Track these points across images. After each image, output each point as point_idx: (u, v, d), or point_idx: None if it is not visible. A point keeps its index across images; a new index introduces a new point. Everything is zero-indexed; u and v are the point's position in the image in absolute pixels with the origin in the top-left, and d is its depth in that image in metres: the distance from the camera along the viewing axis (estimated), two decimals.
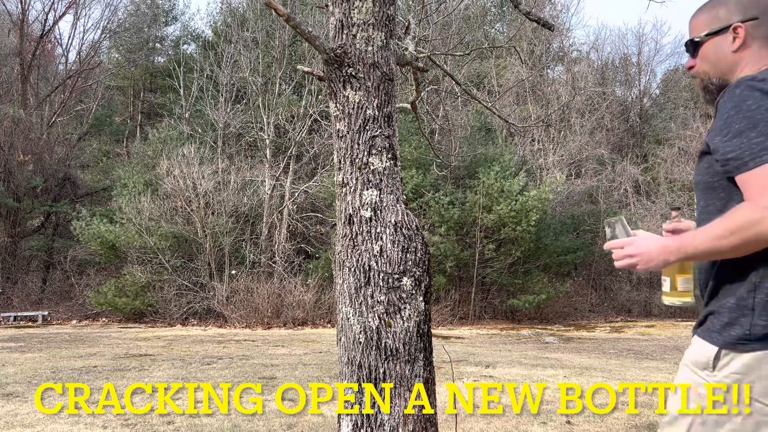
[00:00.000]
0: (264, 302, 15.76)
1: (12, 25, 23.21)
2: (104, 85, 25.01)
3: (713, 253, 1.34)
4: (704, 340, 1.41)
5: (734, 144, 1.32)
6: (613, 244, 1.52)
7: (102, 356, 9.01)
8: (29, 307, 17.67)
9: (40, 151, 20.36)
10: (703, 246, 1.34)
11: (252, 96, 19.58)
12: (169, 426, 4.66)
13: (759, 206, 1.25)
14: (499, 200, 16.50)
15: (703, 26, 1.55)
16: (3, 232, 19.22)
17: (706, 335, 1.41)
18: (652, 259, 1.42)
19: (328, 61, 2.26)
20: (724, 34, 1.50)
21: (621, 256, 1.47)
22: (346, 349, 2.14)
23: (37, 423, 4.73)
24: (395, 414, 2.05)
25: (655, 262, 1.42)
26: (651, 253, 1.42)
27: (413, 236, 2.16)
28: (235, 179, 17.80)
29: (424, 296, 2.20)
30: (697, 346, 1.43)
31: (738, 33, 1.48)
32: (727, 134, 1.34)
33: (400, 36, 3.90)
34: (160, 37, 28.41)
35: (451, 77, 5.34)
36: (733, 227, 1.28)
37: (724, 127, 1.35)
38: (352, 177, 2.22)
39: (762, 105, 1.30)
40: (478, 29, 20.06)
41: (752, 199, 1.28)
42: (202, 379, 6.83)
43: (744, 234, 1.27)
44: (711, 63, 1.53)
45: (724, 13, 1.51)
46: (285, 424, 4.73)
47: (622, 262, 1.48)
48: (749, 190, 1.29)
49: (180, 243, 17.23)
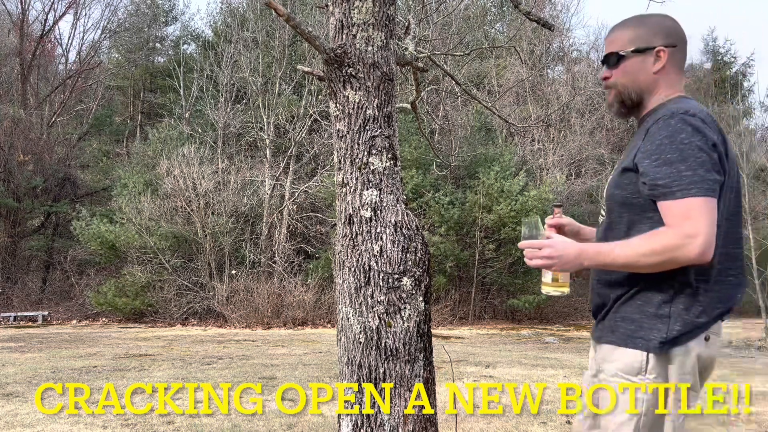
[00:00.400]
0: (264, 302, 15.75)
1: (12, 25, 23.21)
2: (104, 85, 25.00)
3: (631, 266, 1.49)
4: (628, 348, 1.53)
5: (664, 172, 1.45)
6: (531, 244, 1.59)
7: (102, 356, 9.01)
8: (29, 307, 17.66)
9: (40, 151, 20.36)
10: (624, 259, 1.47)
11: (252, 96, 19.57)
12: (169, 426, 4.66)
13: (682, 234, 1.41)
14: (499, 200, 16.50)
15: (628, 42, 1.65)
16: (3, 232, 19.22)
17: (629, 342, 1.53)
18: (568, 262, 1.53)
19: (328, 61, 2.26)
20: (648, 54, 1.62)
21: (538, 256, 1.55)
22: (346, 349, 2.14)
23: (37, 423, 4.73)
24: (395, 414, 2.05)
25: (570, 264, 1.53)
26: (568, 257, 1.52)
27: (413, 236, 2.16)
28: (235, 179, 17.80)
29: (424, 296, 2.20)
30: (620, 354, 1.54)
31: (660, 56, 1.62)
32: (657, 160, 1.46)
33: (400, 36, 3.90)
34: (160, 37, 28.40)
35: (451, 77, 5.34)
36: (657, 248, 1.43)
37: (655, 152, 1.47)
38: (352, 177, 2.22)
39: (692, 141, 1.44)
40: (478, 29, 20.05)
41: (675, 226, 1.43)
42: (202, 379, 6.83)
43: (665, 255, 1.42)
44: (632, 78, 1.64)
45: (648, 35, 1.63)
46: (285, 424, 4.73)
47: (537, 262, 1.56)
48: (672, 218, 1.44)
49: (180, 243, 17.23)
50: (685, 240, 1.40)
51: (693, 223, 1.41)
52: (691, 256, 1.41)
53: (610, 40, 1.69)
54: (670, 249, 1.42)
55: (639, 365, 1.51)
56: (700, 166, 1.43)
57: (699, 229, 1.40)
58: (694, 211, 1.41)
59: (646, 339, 1.51)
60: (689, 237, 1.40)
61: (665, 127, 1.48)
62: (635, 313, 1.54)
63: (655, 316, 1.51)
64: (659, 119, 1.50)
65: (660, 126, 1.49)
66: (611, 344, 1.57)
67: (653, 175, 1.46)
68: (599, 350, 1.63)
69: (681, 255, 1.41)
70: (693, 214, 1.41)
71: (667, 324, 1.50)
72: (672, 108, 1.52)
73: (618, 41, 1.66)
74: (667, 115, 1.50)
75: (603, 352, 1.60)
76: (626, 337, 1.54)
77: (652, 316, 1.51)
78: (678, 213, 1.43)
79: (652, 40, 1.63)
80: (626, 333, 1.54)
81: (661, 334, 1.49)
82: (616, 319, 1.57)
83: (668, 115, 1.49)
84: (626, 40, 1.65)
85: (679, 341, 1.49)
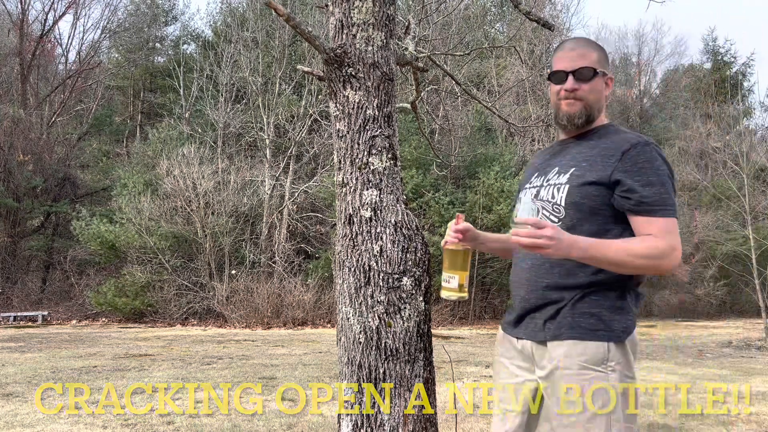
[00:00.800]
0: (264, 302, 15.75)
1: (12, 25, 23.20)
2: (104, 85, 24.98)
3: (618, 264, 1.60)
4: (591, 341, 1.63)
5: (649, 191, 1.63)
6: (536, 222, 1.55)
7: (102, 356, 9.01)
8: (29, 307, 17.65)
9: (40, 151, 20.35)
10: (614, 256, 1.58)
11: (252, 96, 19.57)
12: (169, 426, 4.66)
13: (668, 245, 1.59)
14: (500, 200, 16.49)
15: (597, 63, 1.78)
16: (3, 232, 19.21)
17: (591, 335, 1.63)
18: (561, 248, 1.56)
19: (328, 61, 2.26)
20: (605, 78, 1.79)
21: (537, 234, 1.54)
22: (346, 349, 2.14)
23: (37, 423, 4.73)
24: (395, 414, 2.05)
25: (562, 251, 1.56)
26: (563, 243, 1.56)
27: (413, 236, 2.16)
28: (235, 179, 17.79)
29: (424, 296, 2.20)
30: (583, 348, 1.63)
31: (608, 84, 1.81)
32: (639, 180, 1.63)
33: (400, 36, 3.90)
34: (160, 37, 28.38)
35: (451, 77, 5.34)
36: (646, 253, 1.58)
37: (638, 173, 1.64)
38: (352, 177, 2.22)
39: (664, 169, 1.66)
40: (478, 29, 20.04)
41: (662, 239, 1.60)
42: (202, 379, 6.83)
43: (653, 261, 1.59)
44: (597, 97, 1.78)
45: (605, 61, 1.80)
46: (285, 424, 4.72)
47: (537, 241, 1.54)
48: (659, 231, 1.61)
49: (180, 243, 17.22)
50: (671, 251, 1.60)
51: (675, 239, 1.62)
52: (671, 265, 1.62)
53: (580, 53, 1.77)
54: (660, 256, 1.59)
55: (602, 355, 1.62)
56: (672, 191, 1.66)
57: (678, 245, 1.62)
58: (674, 229, 1.62)
59: (608, 330, 1.63)
60: (674, 249, 1.60)
61: (644, 152, 1.66)
62: (594, 308, 1.65)
63: (614, 309, 1.65)
64: (636, 145, 1.67)
65: (638, 151, 1.66)
66: (573, 339, 1.64)
67: (641, 192, 1.63)
68: (555, 348, 1.66)
69: (664, 263, 1.60)
70: (674, 232, 1.62)
71: (625, 315, 1.66)
72: (636, 136, 1.71)
73: (589, 58, 1.76)
74: (641, 142, 1.68)
75: (562, 349, 1.65)
76: (588, 331, 1.63)
77: (611, 310, 1.65)
78: (664, 228, 1.61)
79: (607, 67, 1.81)
80: (588, 327, 1.64)
81: (622, 325, 1.64)
82: (575, 316, 1.65)
83: (643, 143, 1.67)
84: (595, 59, 1.77)
85: (631, 329, 1.66)
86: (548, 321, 1.69)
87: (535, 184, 1.84)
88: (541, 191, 1.79)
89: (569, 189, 1.71)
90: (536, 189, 1.81)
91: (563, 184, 1.73)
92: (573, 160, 1.76)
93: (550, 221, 1.69)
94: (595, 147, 1.74)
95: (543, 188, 1.79)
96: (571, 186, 1.71)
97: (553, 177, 1.78)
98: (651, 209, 1.63)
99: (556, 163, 1.82)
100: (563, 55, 1.79)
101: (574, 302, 1.66)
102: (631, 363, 1.65)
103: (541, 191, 1.79)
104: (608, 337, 1.63)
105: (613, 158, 1.67)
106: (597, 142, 1.75)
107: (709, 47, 28.87)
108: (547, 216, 1.74)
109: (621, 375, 1.62)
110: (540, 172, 1.86)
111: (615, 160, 1.67)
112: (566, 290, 1.68)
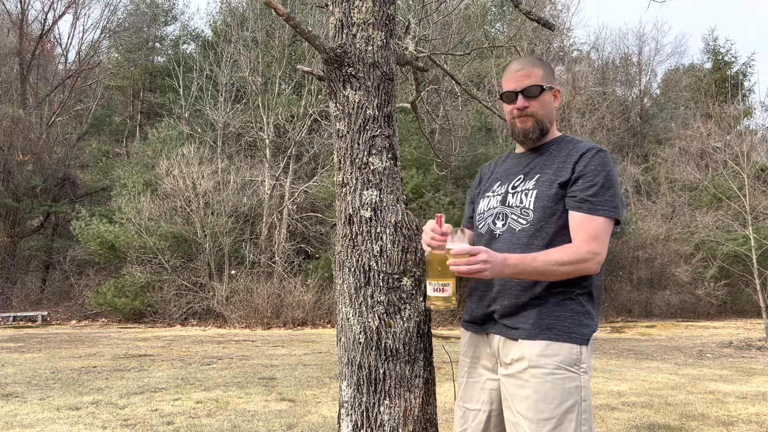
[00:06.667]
0: (264, 302, 15.74)
1: (11, 25, 23.20)
2: (104, 85, 24.98)
3: (547, 274, 1.72)
4: (566, 342, 1.73)
5: (594, 191, 1.76)
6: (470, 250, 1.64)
7: (101, 356, 9.00)
8: (29, 308, 17.65)
9: (40, 151, 20.34)
10: (542, 267, 1.70)
11: (252, 96, 19.56)
12: (169, 426, 4.66)
13: (587, 250, 1.72)
14: None
15: (543, 78, 1.90)
16: (2, 232, 19.21)
17: (565, 338, 1.73)
18: (495, 269, 1.66)
19: (328, 61, 2.25)
20: (553, 92, 1.93)
21: (473, 261, 1.63)
22: (346, 350, 2.13)
23: (36, 423, 4.73)
24: (395, 414, 2.05)
25: (496, 271, 1.66)
26: (497, 264, 1.66)
27: (413, 236, 2.16)
28: (235, 179, 17.78)
29: (425, 296, 2.19)
30: (558, 348, 1.72)
31: (557, 96, 1.95)
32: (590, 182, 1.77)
33: (400, 36, 3.90)
34: (159, 36, 28.39)
35: (452, 77, 5.33)
36: (568, 260, 1.71)
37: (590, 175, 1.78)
38: (352, 177, 2.22)
39: (614, 175, 1.81)
40: (478, 29, 20.04)
41: (585, 242, 1.73)
42: (202, 380, 6.83)
43: (574, 267, 1.72)
44: (547, 111, 1.91)
45: (551, 76, 1.93)
46: (285, 424, 4.72)
47: (474, 267, 1.63)
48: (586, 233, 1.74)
49: (179, 243, 17.21)
50: (593, 256, 1.73)
51: (600, 245, 1.74)
52: (591, 270, 1.74)
53: (526, 73, 1.89)
54: (578, 261, 1.71)
55: (576, 357, 1.73)
56: (617, 195, 1.79)
57: (601, 249, 1.74)
58: (602, 232, 1.75)
59: (579, 334, 1.75)
60: (596, 254, 1.73)
61: (599, 158, 1.80)
62: (566, 312, 1.76)
63: (582, 313, 1.77)
64: (591, 149, 1.82)
65: (594, 156, 1.80)
66: (548, 340, 1.73)
67: (588, 191, 1.76)
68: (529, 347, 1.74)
69: (585, 268, 1.73)
70: (600, 235, 1.74)
71: (591, 320, 1.79)
72: (591, 143, 1.86)
73: (535, 76, 1.89)
74: (595, 149, 1.82)
75: (537, 348, 1.73)
76: (563, 333, 1.74)
77: (581, 314, 1.77)
78: (592, 230, 1.74)
79: (553, 81, 1.94)
80: (562, 329, 1.74)
81: (591, 329, 1.78)
82: (550, 318, 1.75)
83: (597, 150, 1.82)
84: (541, 76, 1.90)
85: (593, 333, 1.79)
86: (521, 320, 1.77)
87: (500, 191, 1.95)
88: (508, 198, 1.90)
89: (537, 193, 1.84)
90: (501, 196, 1.93)
91: (530, 189, 1.86)
92: (536, 167, 1.89)
93: (519, 224, 1.84)
94: (556, 155, 1.88)
95: (510, 195, 1.91)
96: (538, 190, 1.84)
97: (519, 184, 1.90)
98: (591, 208, 1.75)
99: (519, 171, 1.94)
100: (511, 77, 1.92)
101: (548, 304, 1.76)
102: (591, 363, 1.79)
103: (508, 197, 1.91)
104: (580, 341, 1.74)
105: (572, 162, 1.82)
106: (557, 151, 1.89)
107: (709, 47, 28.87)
108: (516, 219, 1.85)
109: (588, 376, 1.75)
110: (502, 180, 1.98)
111: (573, 163, 1.82)
112: (539, 293, 1.77)
